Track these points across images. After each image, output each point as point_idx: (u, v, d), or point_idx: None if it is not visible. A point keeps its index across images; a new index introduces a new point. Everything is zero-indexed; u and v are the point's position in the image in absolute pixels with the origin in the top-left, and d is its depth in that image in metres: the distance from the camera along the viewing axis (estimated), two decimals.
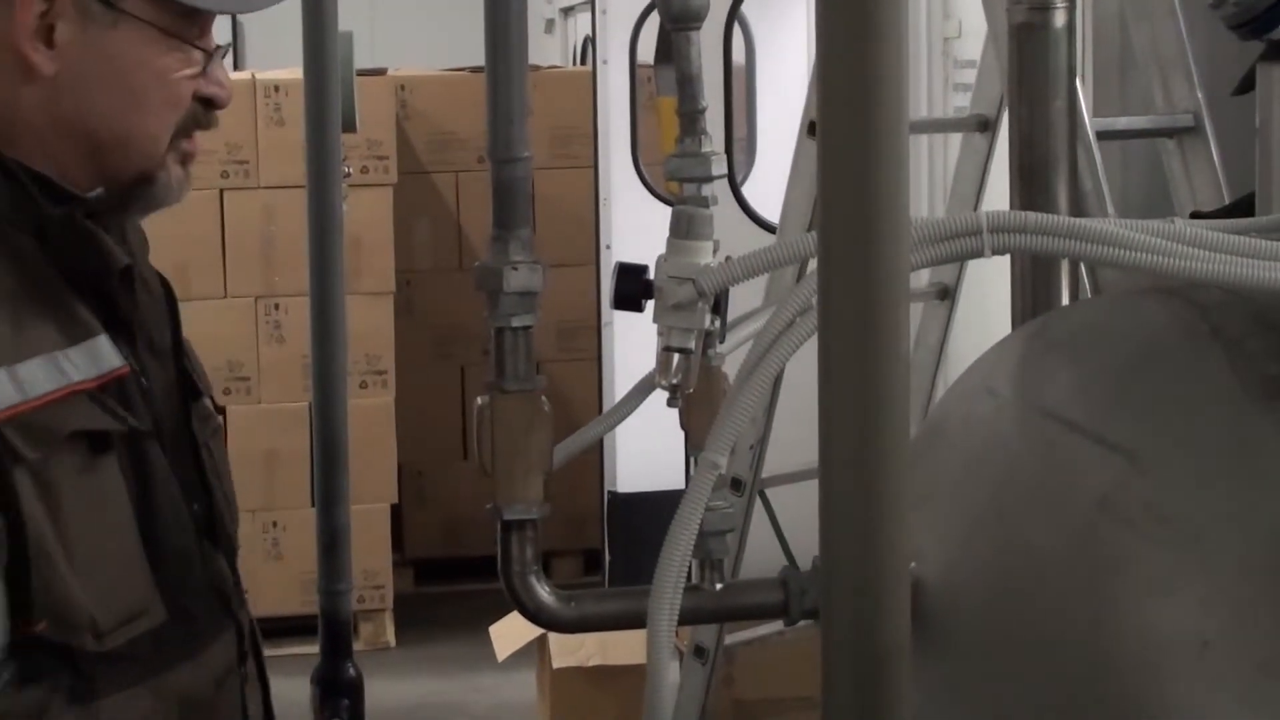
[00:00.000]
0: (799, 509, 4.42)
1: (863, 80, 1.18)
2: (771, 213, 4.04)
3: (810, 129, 3.96)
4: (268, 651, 2.13)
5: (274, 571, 6.60)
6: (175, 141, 1.92)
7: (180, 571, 1.91)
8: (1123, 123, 3.65)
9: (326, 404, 3.31)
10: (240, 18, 13.46)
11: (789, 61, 6.50)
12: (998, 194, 2.95)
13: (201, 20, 1.93)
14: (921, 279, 4.12)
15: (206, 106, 1.95)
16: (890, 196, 1.19)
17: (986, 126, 4.15)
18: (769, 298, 3.80)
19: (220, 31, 1.98)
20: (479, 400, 1.88)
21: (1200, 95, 3.47)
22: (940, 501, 1.62)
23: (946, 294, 4.25)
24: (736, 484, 3.99)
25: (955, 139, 4.50)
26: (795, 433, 3.93)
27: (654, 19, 6.28)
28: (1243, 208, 2.43)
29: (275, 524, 6.71)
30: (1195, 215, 3.23)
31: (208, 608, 1.96)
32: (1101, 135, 3.35)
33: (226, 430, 6.55)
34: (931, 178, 6.01)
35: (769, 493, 4.21)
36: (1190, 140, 3.49)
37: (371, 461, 6.46)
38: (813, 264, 1.33)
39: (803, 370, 1.63)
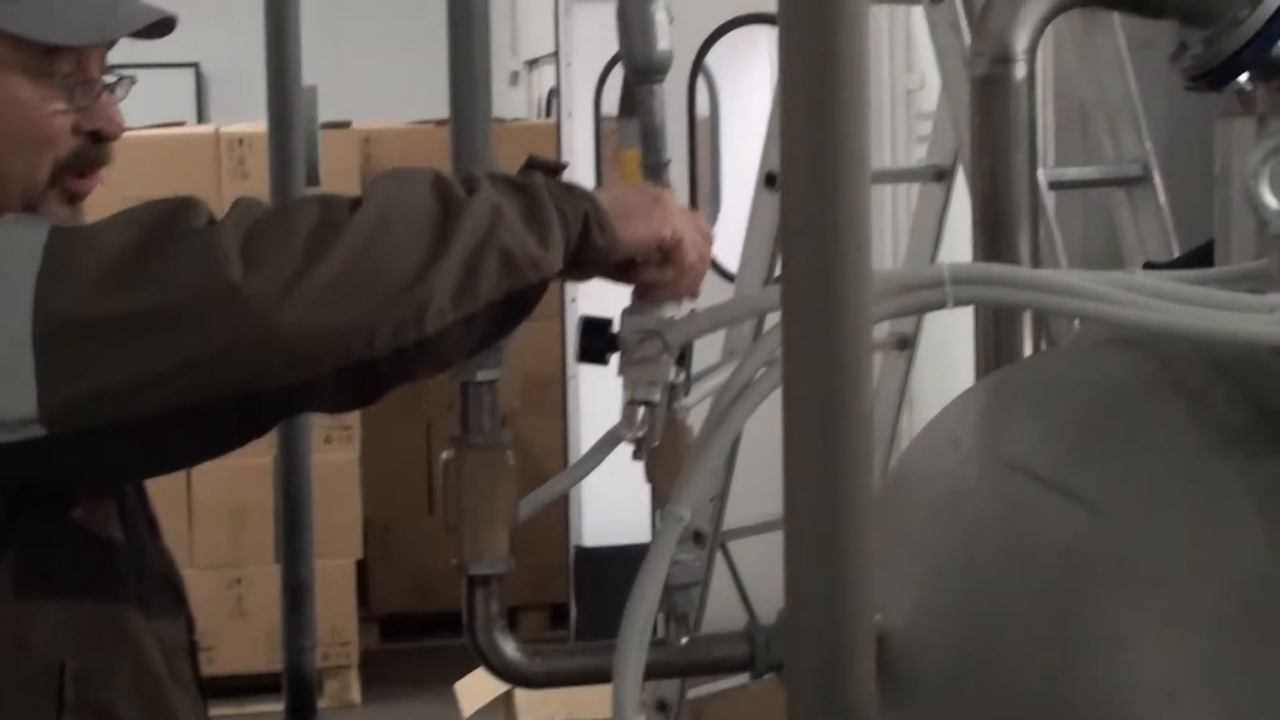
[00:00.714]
0: (759, 561, 4.42)
1: (825, 131, 1.19)
2: (737, 264, 4.06)
3: (768, 180, 3.99)
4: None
5: (238, 629, 6.57)
6: (61, 179, 1.90)
7: (139, 534, 1.92)
8: (1072, 173, 3.68)
9: (291, 459, 3.31)
10: (205, 71, 13.48)
11: (753, 112, 6.52)
12: (962, 243, 2.97)
13: (79, 54, 1.91)
14: (881, 329, 4.14)
15: (96, 141, 1.93)
16: (853, 249, 1.20)
17: (943, 176, 4.19)
18: (727, 349, 3.81)
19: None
20: (444, 455, 1.88)
21: (1148, 145, 3.51)
22: (905, 552, 1.62)
23: (906, 344, 4.28)
24: (698, 537, 4.00)
25: (916, 189, 4.53)
26: (755, 485, 3.93)
27: (618, 71, 6.30)
28: (1197, 258, 2.45)
29: (239, 580, 6.69)
30: (1148, 266, 3.25)
31: (156, 584, 1.96)
32: (1052, 185, 3.39)
33: (190, 486, 6.53)
34: (896, 227, 6.04)
35: (730, 545, 4.21)
36: (1139, 190, 3.53)
37: (336, 517, 6.45)
38: (774, 316, 1.33)
39: (761, 423, 1.64)
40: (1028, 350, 2.06)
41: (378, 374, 1.75)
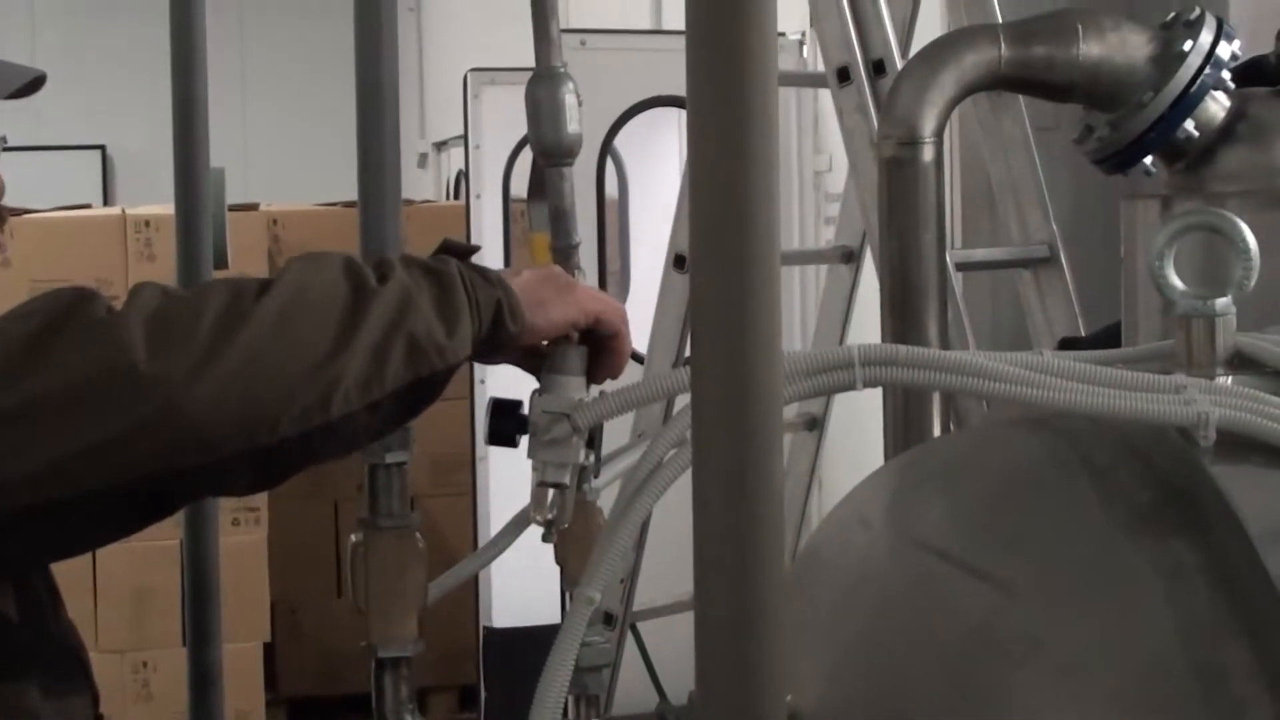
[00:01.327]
0: (669, 642, 4.42)
1: (735, 213, 1.19)
2: (646, 345, 4.07)
3: (677, 262, 4.00)
4: None
5: (144, 713, 6.49)
6: None
7: (37, 608, 1.90)
8: (980, 254, 3.72)
9: (197, 541, 3.27)
10: (111, 154, 13.43)
11: (661, 193, 6.55)
12: (871, 324, 2.99)
13: None
14: (791, 409, 4.17)
15: None
16: (763, 331, 1.20)
17: (851, 258, 4.22)
18: (636, 430, 3.82)
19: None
20: (353, 537, 1.87)
21: (1054, 226, 3.55)
22: (816, 631, 1.62)
23: (815, 424, 4.30)
24: (608, 618, 3.99)
25: (824, 270, 4.55)
26: (664, 565, 3.93)
27: (527, 153, 6.31)
28: (1110, 335, 2.47)
29: (145, 664, 6.61)
30: (1065, 342, 3.28)
31: (58, 659, 1.93)
32: (959, 266, 3.41)
33: (95, 568, 6.46)
34: (804, 309, 6.07)
35: (639, 625, 4.21)
36: (1045, 271, 3.56)
37: (243, 599, 6.39)
38: (683, 398, 1.33)
39: (671, 503, 1.63)
40: (937, 430, 2.07)
41: (282, 458, 1.74)
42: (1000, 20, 3.58)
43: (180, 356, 1.67)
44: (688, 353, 3.85)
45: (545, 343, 1.88)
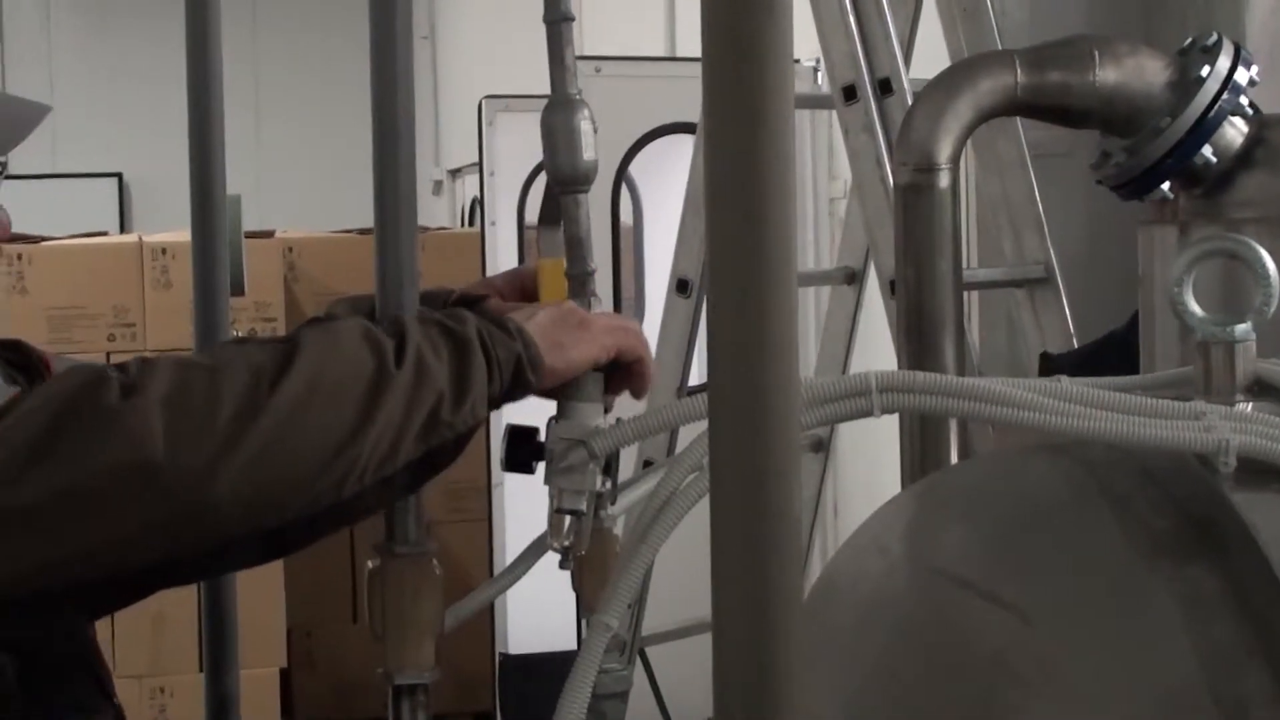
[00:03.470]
0: (675, 667, 4.41)
1: (752, 238, 1.18)
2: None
3: (679, 287, 4.00)
4: None
5: None
6: None
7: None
8: (983, 274, 3.71)
9: None
10: (128, 180, 13.46)
11: (676, 220, 6.56)
12: (875, 345, 2.98)
13: None
14: None
15: None
16: (781, 357, 1.19)
17: (854, 279, 4.21)
18: (642, 456, 3.81)
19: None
20: (369, 564, 1.87)
21: (1050, 246, 3.54)
22: (833, 660, 1.61)
23: (821, 446, 4.30)
24: (618, 643, 3.98)
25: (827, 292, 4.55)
26: (670, 590, 3.92)
27: (542, 180, 6.32)
28: (1093, 352, 2.46)
29: (162, 690, 6.62)
30: (1044, 357, 3.27)
31: (87, 677, 1.93)
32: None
33: None
34: (806, 330, 6.05)
35: (648, 651, 4.20)
36: (1041, 291, 3.56)
37: (260, 625, 6.38)
38: (701, 424, 1.32)
39: (679, 527, 1.63)
40: (954, 457, 2.06)
41: (286, 539, 1.75)
42: (998, 39, 3.59)
43: (200, 450, 1.63)
44: (693, 379, 3.84)
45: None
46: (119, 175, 13.52)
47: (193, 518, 1.64)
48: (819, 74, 6.11)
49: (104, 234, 8.14)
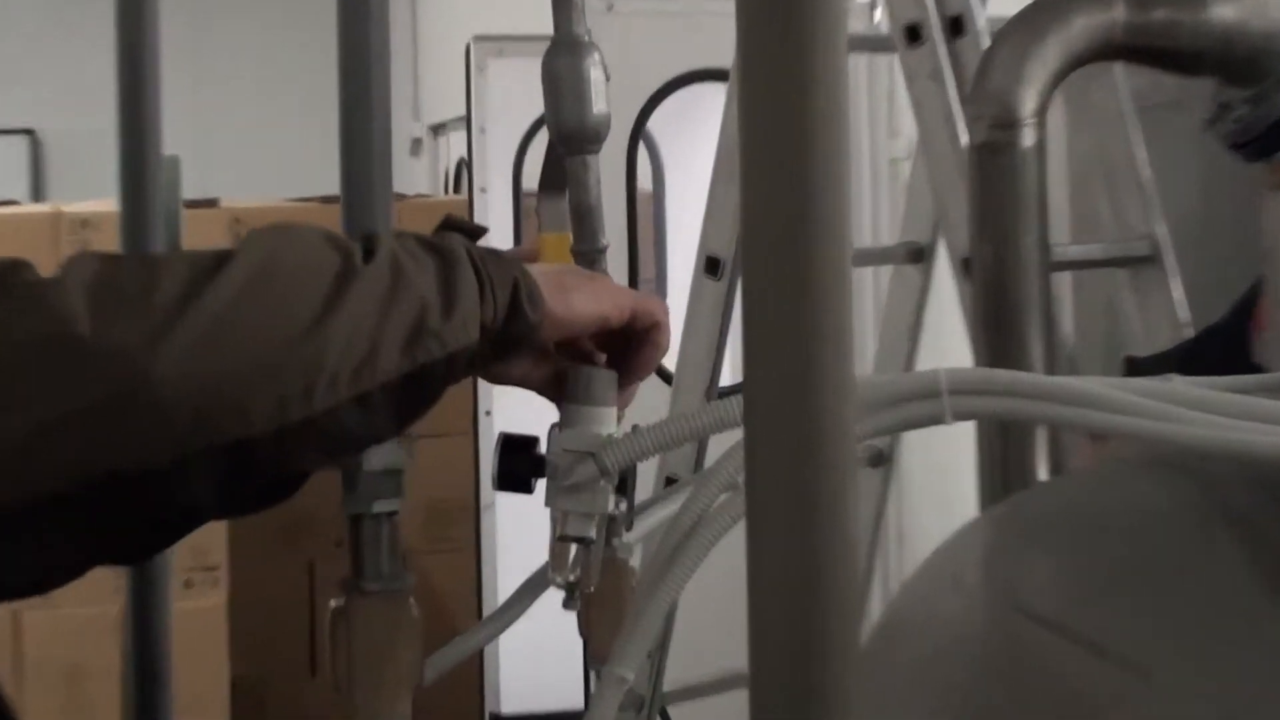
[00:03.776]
0: None
1: (796, 208, 1.18)
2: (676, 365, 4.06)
3: (708, 266, 3.99)
4: None
5: None
6: None
7: None
8: (1074, 251, 3.69)
9: (143, 608, 3.27)
10: (42, 138, 13.48)
11: (703, 185, 6.56)
12: (945, 338, 2.97)
13: None
14: None
15: None
16: (832, 351, 1.19)
17: (920, 256, 4.19)
18: (663, 471, 3.81)
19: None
20: (332, 603, 1.87)
21: (1158, 218, 3.52)
22: (895, 717, 1.61)
23: (881, 459, 4.28)
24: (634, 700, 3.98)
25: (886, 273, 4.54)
26: (699, 635, 3.92)
27: (542, 139, 6.31)
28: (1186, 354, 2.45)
29: None
30: (1129, 362, 3.26)
31: None
32: (1051, 266, 3.39)
33: (19, 638, 6.47)
34: (863, 318, 6.05)
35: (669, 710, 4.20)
36: (1146, 271, 3.53)
37: (199, 675, 6.40)
38: (734, 433, 1.32)
39: (707, 561, 1.63)
40: (1043, 473, 2.06)
41: (255, 462, 1.73)
42: None
43: (134, 326, 1.66)
44: (725, 378, 3.85)
45: (564, 368, 1.88)
46: (31, 133, 13.55)
47: (131, 402, 1.65)
48: (876, 11, 6.11)
49: (13, 203, 8.15)
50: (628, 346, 1.90)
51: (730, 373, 4.33)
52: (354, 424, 1.76)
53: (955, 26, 3.48)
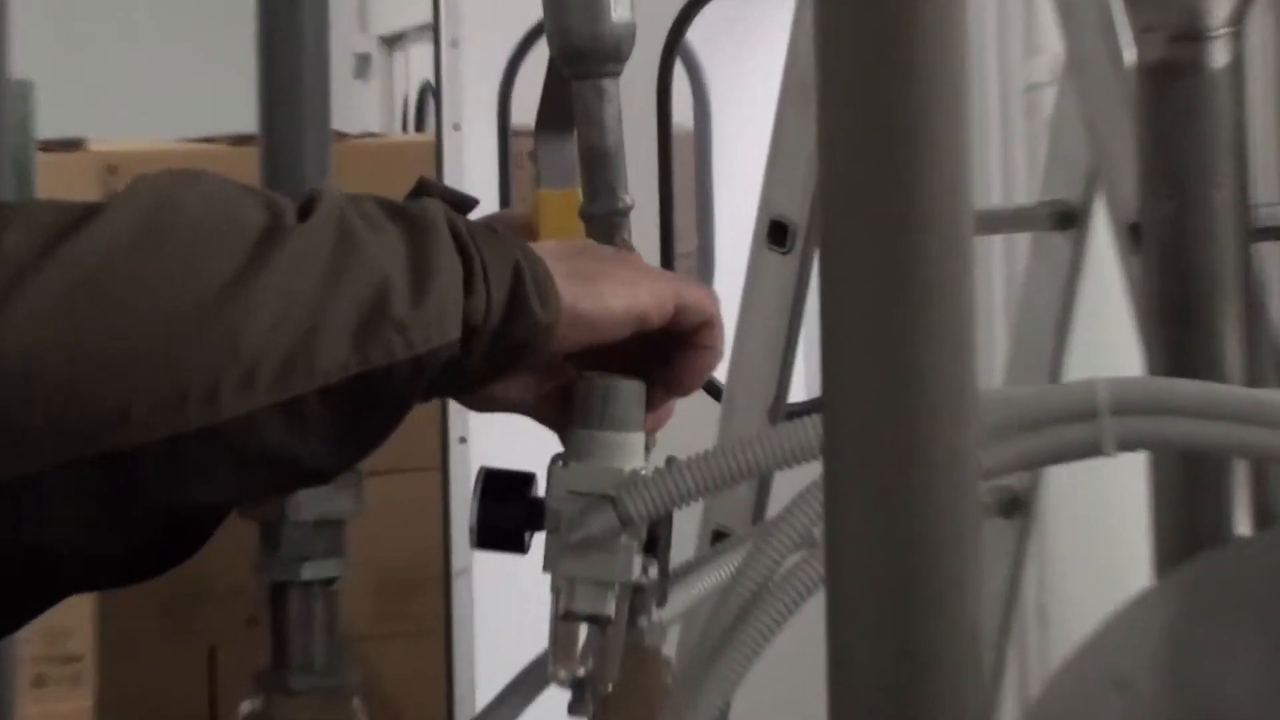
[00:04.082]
0: None
1: (895, 156, 1.18)
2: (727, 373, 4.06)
3: (772, 233, 3.99)
4: None
5: None
6: None
7: None
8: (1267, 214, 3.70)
9: None
10: None
11: (762, 123, 6.57)
12: (1118, 333, 2.97)
13: None
14: None
15: None
16: (946, 354, 1.19)
17: (1071, 221, 4.19)
18: (708, 524, 3.81)
19: None
20: (245, 706, 1.88)
21: None
22: None
23: (1016, 506, 4.28)
24: None
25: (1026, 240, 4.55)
26: None
27: (535, 58, 6.33)
28: None
29: None
30: None
31: None
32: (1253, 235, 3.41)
33: None
34: (991, 304, 6.04)
35: None
36: None
37: None
38: (808, 469, 1.32)
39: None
40: (1243, 524, 2.06)
41: (137, 485, 1.68)
42: None
43: None
44: (796, 391, 3.87)
45: (576, 374, 1.88)
46: None
47: None
48: None
49: None
50: (664, 353, 1.89)
51: (804, 384, 4.33)
52: (277, 442, 1.71)
53: None
